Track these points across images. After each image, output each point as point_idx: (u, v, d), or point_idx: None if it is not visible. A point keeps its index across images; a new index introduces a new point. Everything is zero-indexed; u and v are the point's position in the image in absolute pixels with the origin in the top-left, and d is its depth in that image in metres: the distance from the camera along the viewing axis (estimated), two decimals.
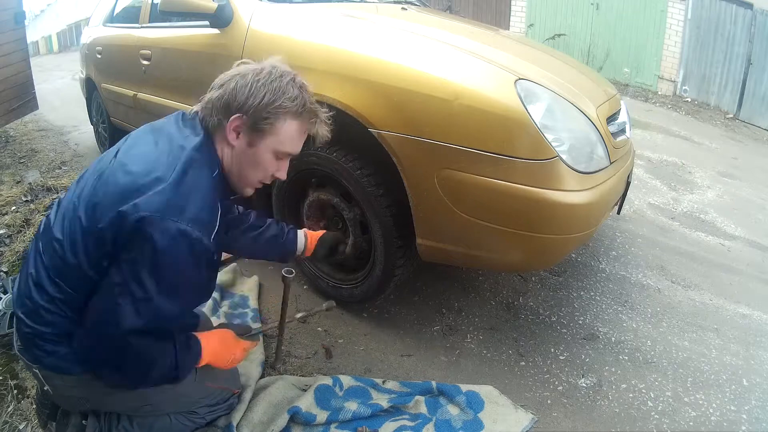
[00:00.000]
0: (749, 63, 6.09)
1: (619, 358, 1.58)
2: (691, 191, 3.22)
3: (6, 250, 2.09)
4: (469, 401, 1.34)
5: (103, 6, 3.25)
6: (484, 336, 1.65)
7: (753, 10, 5.92)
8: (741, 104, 6.21)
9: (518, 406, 1.35)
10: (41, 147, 3.83)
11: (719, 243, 2.50)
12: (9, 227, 2.29)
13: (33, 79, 3.94)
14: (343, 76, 1.38)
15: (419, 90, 1.26)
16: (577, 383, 1.46)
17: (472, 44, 1.46)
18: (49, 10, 23.71)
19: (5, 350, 1.52)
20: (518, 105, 1.19)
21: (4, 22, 3.45)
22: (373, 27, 1.56)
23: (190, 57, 1.97)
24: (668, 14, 6.44)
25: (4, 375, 1.41)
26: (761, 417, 1.39)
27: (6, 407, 1.30)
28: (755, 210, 3.07)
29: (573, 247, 1.43)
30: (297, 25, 1.60)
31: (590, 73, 1.94)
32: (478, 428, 1.27)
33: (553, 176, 1.21)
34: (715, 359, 1.61)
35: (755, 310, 1.92)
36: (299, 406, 1.26)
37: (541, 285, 1.94)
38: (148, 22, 2.44)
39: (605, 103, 1.54)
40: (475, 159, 1.22)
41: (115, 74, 2.81)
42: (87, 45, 3.29)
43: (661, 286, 2.02)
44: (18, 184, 2.89)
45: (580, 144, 1.29)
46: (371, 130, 1.33)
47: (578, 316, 1.76)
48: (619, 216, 2.41)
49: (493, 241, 1.31)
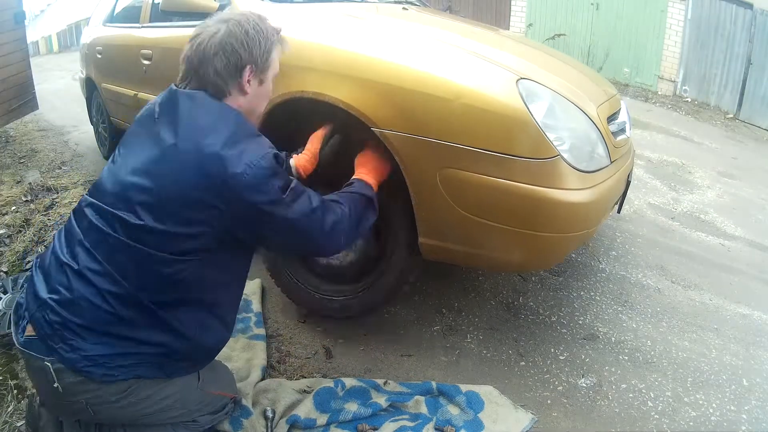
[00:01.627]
0: (749, 63, 6.09)
1: (619, 358, 1.58)
2: (691, 191, 3.23)
3: (6, 250, 2.09)
4: (469, 401, 1.34)
5: (103, 6, 3.25)
6: (484, 336, 1.65)
7: (753, 10, 5.92)
8: (741, 104, 6.21)
9: (518, 406, 1.35)
10: (41, 147, 3.83)
11: (719, 243, 2.51)
12: (9, 227, 2.29)
13: (33, 79, 3.93)
14: (344, 76, 1.38)
15: (421, 89, 1.26)
16: (577, 383, 1.47)
17: (472, 44, 1.46)
18: (49, 10, 23.71)
19: (5, 350, 1.52)
20: (520, 104, 1.19)
21: (4, 22, 3.45)
22: (374, 27, 1.56)
23: None
24: (668, 14, 6.44)
25: (4, 375, 1.41)
26: (761, 417, 1.39)
27: (6, 407, 1.30)
28: (755, 210, 3.07)
29: (574, 246, 1.43)
30: (298, 25, 1.60)
31: (590, 72, 1.94)
32: (479, 428, 1.27)
33: (554, 175, 1.21)
34: (715, 359, 1.61)
35: (755, 310, 1.92)
36: (298, 414, 1.26)
37: (541, 285, 1.94)
38: (149, 21, 2.44)
39: (605, 102, 1.55)
40: (476, 158, 1.22)
41: (115, 74, 2.81)
42: (87, 45, 3.28)
43: (661, 286, 2.02)
44: (18, 184, 2.89)
45: (581, 143, 1.30)
46: (374, 129, 1.33)
47: (578, 316, 1.77)
48: (619, 216, 2.41)
49: (495, 240, 1.31)
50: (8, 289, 1.69)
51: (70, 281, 0.92)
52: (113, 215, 0.94)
